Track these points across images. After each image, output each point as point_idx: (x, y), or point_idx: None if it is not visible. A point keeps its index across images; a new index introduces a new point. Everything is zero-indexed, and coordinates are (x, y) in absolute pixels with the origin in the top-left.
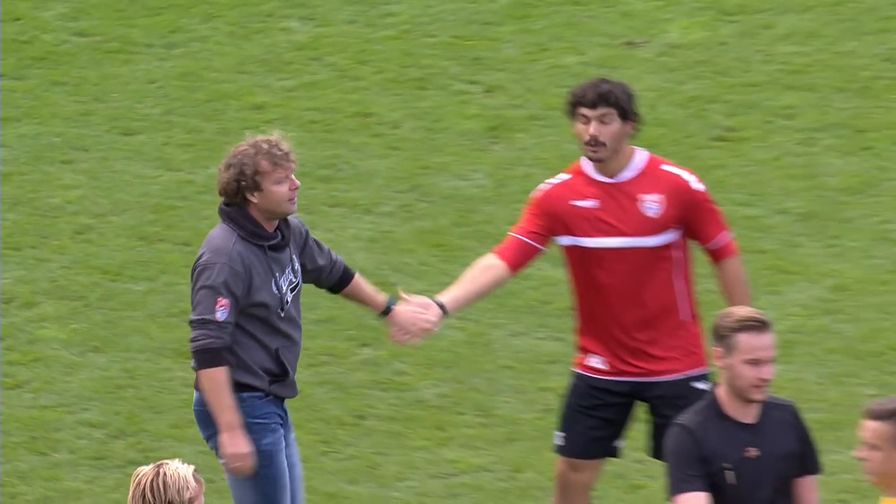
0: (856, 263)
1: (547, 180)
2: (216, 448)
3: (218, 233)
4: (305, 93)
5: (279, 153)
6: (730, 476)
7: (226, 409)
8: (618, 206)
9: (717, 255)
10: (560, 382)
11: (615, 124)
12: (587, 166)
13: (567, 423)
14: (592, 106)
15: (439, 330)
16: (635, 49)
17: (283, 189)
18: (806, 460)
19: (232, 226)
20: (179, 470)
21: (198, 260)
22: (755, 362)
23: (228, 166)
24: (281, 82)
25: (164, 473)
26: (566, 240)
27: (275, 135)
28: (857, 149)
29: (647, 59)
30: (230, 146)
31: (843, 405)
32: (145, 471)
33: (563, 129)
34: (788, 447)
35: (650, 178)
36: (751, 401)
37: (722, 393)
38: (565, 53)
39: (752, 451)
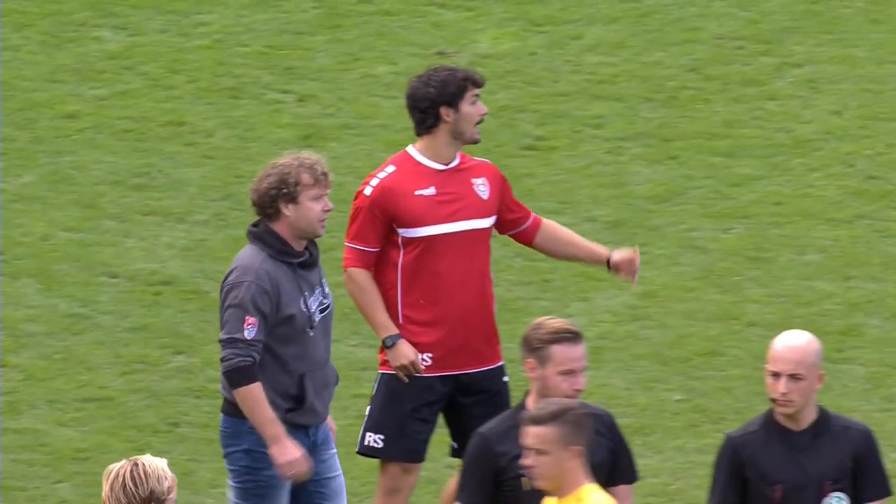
0: (663, 270)
1: (373, 175)
2: (232, 466)
3: (246, 253)
4: (118, 101)
5: (323, 171)
6: (526, 483)
7: (267, 423)
8: (455, 190)
9: (535, 224)
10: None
11: None
12: (419, 155)
13: (392, 427)
14: (483, 85)
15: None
16: (446, 59)
17: (317, 207)
18: (618, 470)
19: (260, 245)
20: (155, 461)
21: (225, 279)
22: (569, 373)
23: (267, 176)
24: (93, 91)
25: (143, 464)
26: (407, 231)
27: (315, 154)
28: (663, 158)
29: None
30: (42, 155)
31: (650, 410)
32: (120, 465)
33: (376, 137)
34: (596, 457)
35: (470, 163)
36: None
37: (531, 403)
38: (377, 63)
39: None
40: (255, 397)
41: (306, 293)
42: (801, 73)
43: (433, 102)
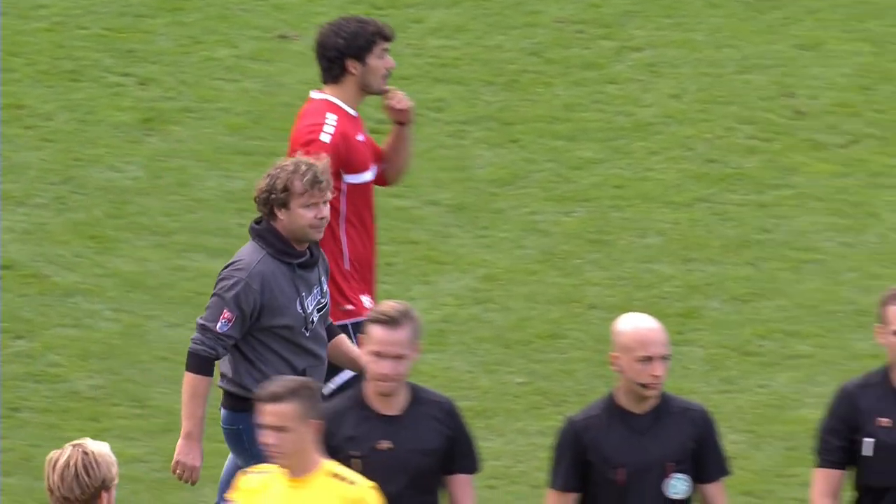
0: (505, 254)
1: (317, 125)
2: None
3: (247, 250)
4: None
5: (315, 180)
6: (356, 465)
7: (194, 418)
8: (366, 137)
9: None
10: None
11: None
12: (340, 102)
13: None
14: (393, 39)
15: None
16: (288, 42)
17: (308, 214)
18: (456, 458)
19: (261, 243)
20: (100, 446)
21: (225, 267)
22: (377, 356)
23: (267, 176)
24: None
25: (93, 452)
26: (354, 177)
27: (321, 161)
28: (505, 141)
29: (299, 52)
30: None
31: (493, 393)
32: (67, 453)
33: (217, 121)
34: (430, 443)
35: None
36: (379, 394)
37: (366, 383)
38: (218, 46)
39: (384, 444)
40: (198, 389)
41: (303, 293)
42: (641, 56)
43: (340, 53)
